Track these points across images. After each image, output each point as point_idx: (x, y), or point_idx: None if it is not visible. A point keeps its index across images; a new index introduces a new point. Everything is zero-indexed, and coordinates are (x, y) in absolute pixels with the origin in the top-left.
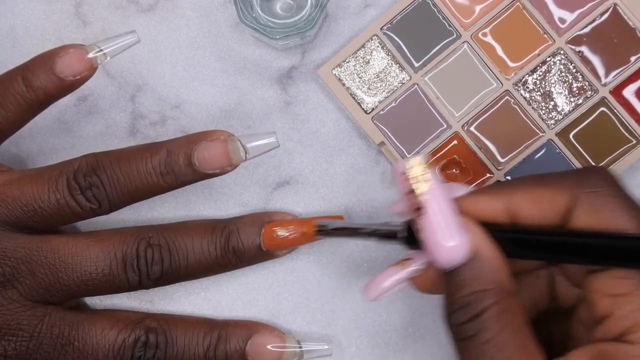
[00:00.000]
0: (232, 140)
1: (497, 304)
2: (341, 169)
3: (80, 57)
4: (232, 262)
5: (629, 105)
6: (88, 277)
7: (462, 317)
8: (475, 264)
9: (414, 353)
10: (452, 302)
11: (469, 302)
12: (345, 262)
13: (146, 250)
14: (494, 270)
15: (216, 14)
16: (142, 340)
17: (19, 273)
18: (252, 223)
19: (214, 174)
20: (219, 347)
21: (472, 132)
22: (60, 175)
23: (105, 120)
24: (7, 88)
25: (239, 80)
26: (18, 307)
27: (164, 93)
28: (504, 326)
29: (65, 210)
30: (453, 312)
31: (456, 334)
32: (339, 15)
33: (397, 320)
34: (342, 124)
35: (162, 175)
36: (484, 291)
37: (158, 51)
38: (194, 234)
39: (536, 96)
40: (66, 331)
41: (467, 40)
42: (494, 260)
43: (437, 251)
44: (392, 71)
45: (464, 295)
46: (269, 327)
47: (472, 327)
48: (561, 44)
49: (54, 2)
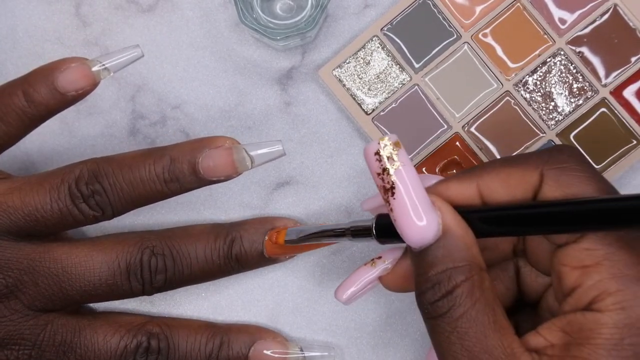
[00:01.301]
0: (238, 150)
1: (469, 280)
2: (341, 170)
3: (82, 72)
4: (234, 269)
5: (629, 105)
6: (91, 287)
7: (434, 296)
8: (446, 241)
9: (414, 353)
10: (424, 280)
11: (440, 280)
12: (346, 263)
13: (150, 259)
14: (465, 248)
15: (216, 15)
16: (144, 346)
17: (21, 284)
18: (255, 230)
19: (218, 180)
20: (222, 353)
21: (472, 132)
22: (62, 183)
23: (106, 121)
24: (8, 103)
25: (239, 80)
26: (20, 317)
27: (164, 93)
28: (476, 301)
29: (67, 218)
30: (425, 291)
31: (428, 313)
32: (339, 16)
33: (397, 320)
34: (343, 125)
35: (166, 183)
36: (455, 268)
37: (158, 51)
38: (197, 242)
39: (536, 97)
40: (68, 338)
41: (467, 41)
42: (464, 237)
43: (408, 230)
44: (393, 72)
45: (435, 273)
46: (271, 333)
47: (444, 305)
48: (561, 44)
49: (54, 2)
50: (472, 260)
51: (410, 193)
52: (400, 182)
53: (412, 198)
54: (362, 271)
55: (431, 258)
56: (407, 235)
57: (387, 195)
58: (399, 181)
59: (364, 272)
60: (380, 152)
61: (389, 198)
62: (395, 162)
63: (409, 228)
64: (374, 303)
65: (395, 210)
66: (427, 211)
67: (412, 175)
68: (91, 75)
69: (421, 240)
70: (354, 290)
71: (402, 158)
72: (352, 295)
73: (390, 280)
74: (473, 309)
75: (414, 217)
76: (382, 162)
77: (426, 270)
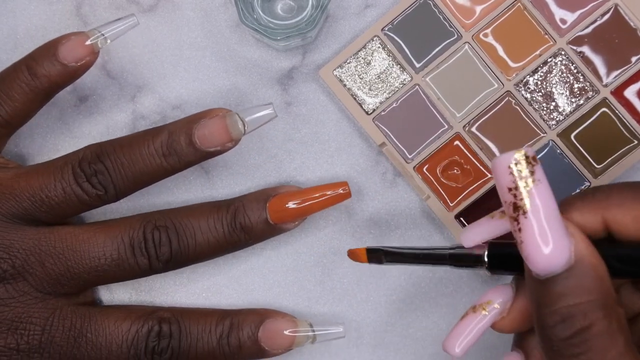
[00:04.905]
0: (230, 115)
1: (606, 318)
2: (342, 170)
3: (81, 42)
4: (241, 240)
5: (630, 105)
6: (97, 263)
7: (566, 331)
8: (579, 270)
9: (414, 353)
10: (551, 313)
11: (573, 314)
12: (346, 263)
13: (153, 232)
14: (599, 279)
15: (217, 15)
16: (156, 330)
17: (28, 264)
18: (257, 199)
19: (215, 151)
20: (232, 334)
21: (473, 132)
22: (65, 164)
23: (106, 121)
24: (13, 79)
25: (239, 80)
26: (29, 299)
27: (164, 93)
28: (617, 343)
29: (72, 198)
30: (553, 325)
31: (557, 351)
32: (340, 16)
33: (397, 320)
34: (343, 125)
35: (165, 157)
36: (589, 302)
37: (159, 52)
38: (199, 215)
39: (537, 97)
40: (78, 324)
41: (468, 41)
42: (598, 268)
43: (537, 255)
44: (393, 72)
45: (567, 305)
46: (280, 313)
47: (580, 344)
48: (562, 44)
49: (55, 3)
50: (606, 293)
51: (545, 214)
52: (534, 202)
53: (546, 219)
54: (472, 319)
55: (560, 288)
56: (534, 260)
57: (517, 214)
58: (533, 199)
59: (474, 320)
60: (515, 165)
61: (519, 217)
62: (531, 178)
63: (538, 252)
64: (374, 303)
65: (525, 231)
66: (561, 236)
67: (548, 194)
68: (90, 45)
69: (550, 267)
70: (469, 342)
71: (538, 175)
72: (466, 347)
73: (506, 325)
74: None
75: (546, 239)
76: (516, 177)
77: (554, 302)
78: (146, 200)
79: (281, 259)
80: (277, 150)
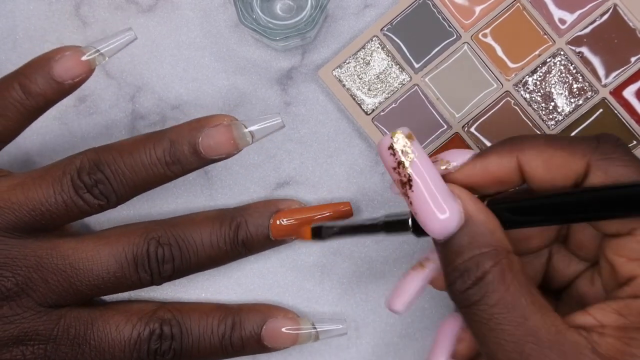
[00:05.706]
0: (237, 126)
1: (498, 265)
2: (341, 170)
3: (77, 59)
4: (241, 253)
5: (629, 106)
6: (100, 280)
7: (465, 284)
8: (469, 228)
9: (414, 353)
10: (451, 270)
11: (468, 268)
12: (346, 263)
13: (157, 250)
14: (489, 232)
15: (216, 15)
16: (157, 333)
17: (31, 281)
18: (260, 213)
19: (219, 159)
20: (234, 333)
21: (472, 133)
22: (63, 175)
23: (105, 121)
24: (5, 97)
25: (238, 81)
26: (33, 314)
27: (163, 94)
28: (509, 285)
29: (73, 210)
30: (454, 280)
31: (461, 302)
32: (339, 16)
33: (397, 320)
34: (342, 125)
35: (168, 166)
36: (482, 254)
37: (158, 52)
38: (202, 229)
39: (536, 97)
40: (82, 331)
41: (467, 41)
42: (486, 222)
43: (431, 222)
44: (393, 72)
45: (462, 261)
46: (282, 310)
47: (476, 293)
48: (561, 44)
49: (54, 3)
50: (498, 244)
51: (429, 184)
52: (416, 175)
53: (430, 189)
54: (412, 276)
55: (456, 247)
56: (429, 228)
57: (405, 189)
58: (416, 174)
59: (415, 277)
60: (393, 145)
61: (407, 192)
62: (410, 154)
63: (430, 220)
64: (373, 303)
65: (415, 203)
66: (448, 201)
67: (428, 166)
68: (86, 61)
69: (444, 230)
70: (410, 299)
71: (416, 150)
72: (409, 305)
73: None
74: (508, 293)
75: (434, 208)
76: (397, 156)
77: (453, 260)
78: (146, 200)
79: (281, 259)
80: (277, 150)
